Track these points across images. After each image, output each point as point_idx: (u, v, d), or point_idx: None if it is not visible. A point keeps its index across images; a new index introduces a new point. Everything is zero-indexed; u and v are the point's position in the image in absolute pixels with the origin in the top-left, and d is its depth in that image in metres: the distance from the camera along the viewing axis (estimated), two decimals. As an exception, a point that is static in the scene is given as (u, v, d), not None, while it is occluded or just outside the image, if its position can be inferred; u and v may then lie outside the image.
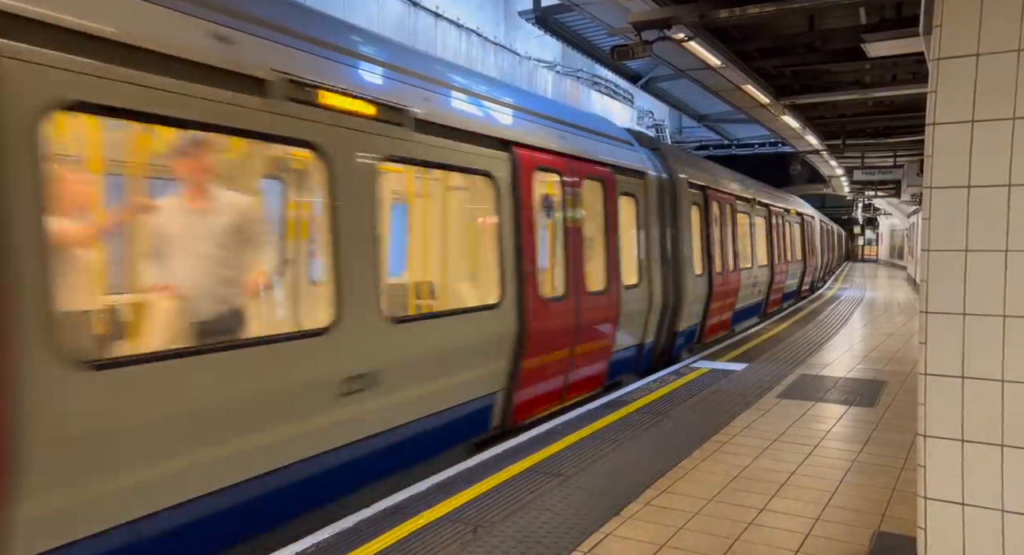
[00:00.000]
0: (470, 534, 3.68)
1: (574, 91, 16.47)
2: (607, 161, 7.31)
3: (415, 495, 4.22)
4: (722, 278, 10.82)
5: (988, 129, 2.61)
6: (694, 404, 6.55)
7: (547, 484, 4.41)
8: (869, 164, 19.14)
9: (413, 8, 11.00)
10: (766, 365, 8.59)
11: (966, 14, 2.62)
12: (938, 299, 2.71)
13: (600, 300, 7.03)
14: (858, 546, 3.58)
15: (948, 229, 2.69)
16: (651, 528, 3.78)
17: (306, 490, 3.90)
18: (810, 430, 5.70)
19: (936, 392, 2.72)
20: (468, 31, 12.51)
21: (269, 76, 3.59)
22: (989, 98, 2.60)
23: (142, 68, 3.02)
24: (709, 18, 6.89)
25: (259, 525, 3.69)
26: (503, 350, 5.55)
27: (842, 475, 4.63)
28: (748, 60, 9.48)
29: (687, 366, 8.50)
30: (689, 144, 27.38)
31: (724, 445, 5.27)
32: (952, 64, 2.67)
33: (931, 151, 2.73)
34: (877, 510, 4.03)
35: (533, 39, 16.11)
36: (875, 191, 25.31)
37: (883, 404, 6.59)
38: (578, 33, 12.06)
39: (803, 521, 3.88)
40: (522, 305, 5.63)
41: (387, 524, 3.79)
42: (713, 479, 4.53)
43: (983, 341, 2.63)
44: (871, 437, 5.52)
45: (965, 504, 2.66)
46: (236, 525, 3.55)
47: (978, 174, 2.63)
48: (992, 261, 2.61)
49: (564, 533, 3.69)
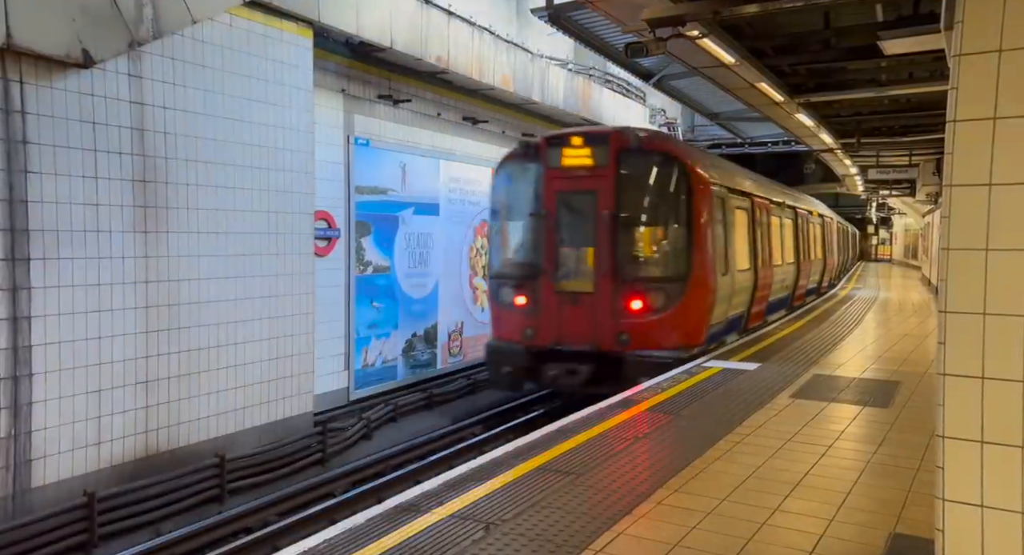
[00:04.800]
0: (481, 531, 3.67)
1: (586, 89, 16.41)
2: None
3: (426, 492, 4.22)
4: (764, 272, 12.20)
5: (1010, 126, 2.57)
6: (706, 403, 6.52)
7: (558, 482, 4.39)
8: (884, 163, 18.96)
9: (426, 6, 10.98)
10: (779, 365, 8.53)
11: (988, 9, 2.58)
12: (957, 298, 2.67)
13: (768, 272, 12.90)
14: (873, 548, 3.54)
15: (968, 228, 2.64)
16: (663, 527, 3.75)
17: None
18: (824, 430, 5.66)
19: (955, 393, 2.68)
20: (480, 29, 12.48)
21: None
22: (1012, 95, 2.56)
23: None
24: (723, 15, 6.84)
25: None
26: (750, 289, 11.47)
27: (857, 476, 4.58)
28: (762, 57, 9.41)
29: (699, 366, 8.45)
30: (702, 142, 27.23)
31: (737, 445, 5.24)
32: (974, 60, 2.63)
33: (951, 149, 2.68)
34: (892, 512, 3.99)
35: (545, 37, 16.08)
36: (890, 190, 25.07)
37: (898, 405, 6.53)
38: (591, 30, 12.01)
39: (817, 522, 3.84)
40: (756, 270, 11.66)
41: (398, 521, 3.79)
42: (726, 479, 4.50)
43: (1003, 341, 2.59)
44: (886, 438, 5.47)
45: (984, 506, 2.62)
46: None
47: (1000, 172, 2.59)
48: (1013, 260, 2.57)
49: (575, 531, 3.68)
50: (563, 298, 9.26)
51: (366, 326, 11.28)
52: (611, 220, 9.08)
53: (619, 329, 9.02)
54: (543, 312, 9.35)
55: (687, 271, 9.12)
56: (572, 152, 9.40)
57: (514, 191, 9.95)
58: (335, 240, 10.54)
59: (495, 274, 10.11)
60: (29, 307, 6.22)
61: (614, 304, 9.05)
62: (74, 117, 6.52)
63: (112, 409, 6.92)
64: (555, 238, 9.40)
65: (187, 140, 7.55)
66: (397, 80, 11.67)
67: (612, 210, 9.08)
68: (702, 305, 9.23)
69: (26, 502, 6.25)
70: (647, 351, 8.85)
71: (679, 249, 9.32)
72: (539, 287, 9.39)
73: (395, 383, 11.95)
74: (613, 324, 9.04)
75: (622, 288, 9.06)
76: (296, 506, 7.58)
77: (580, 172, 9.33)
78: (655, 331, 9.00)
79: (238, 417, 8.24)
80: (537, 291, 9.40)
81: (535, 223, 9.50)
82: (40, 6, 5.92)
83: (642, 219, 9.47)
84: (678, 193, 9.26)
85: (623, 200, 9.14)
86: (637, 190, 9.32)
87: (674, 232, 9.45)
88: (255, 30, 8.29)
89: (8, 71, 6.02)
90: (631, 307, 9.02)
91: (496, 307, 9.95)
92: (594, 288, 9.14)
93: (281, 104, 8.65)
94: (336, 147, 10.54)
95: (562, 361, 9.09)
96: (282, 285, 8.73)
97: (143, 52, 7.06)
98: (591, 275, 9.19)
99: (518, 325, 9.52)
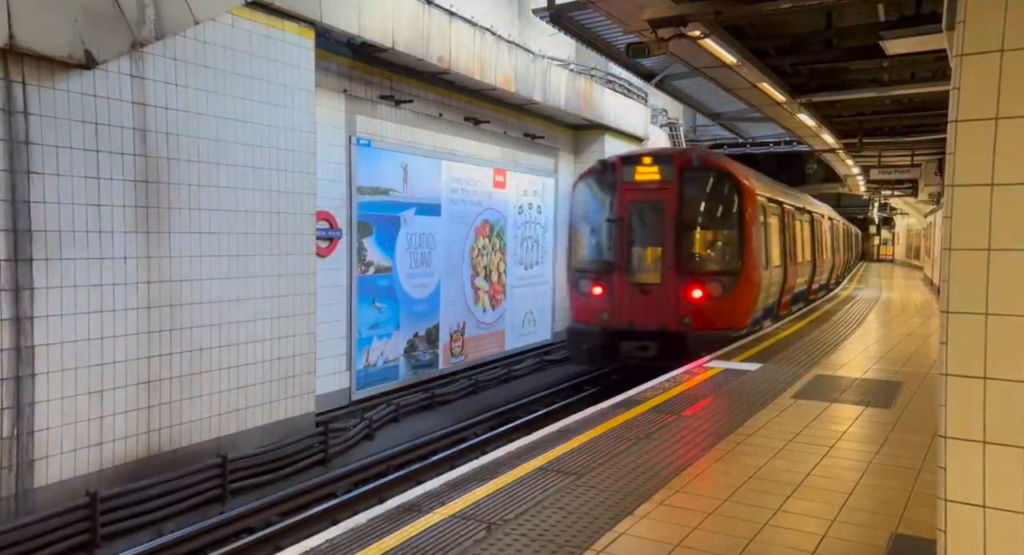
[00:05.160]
0: (483, 532, 3.67)
1: (588, 89, 16.40)
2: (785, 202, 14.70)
3: (428, 492, 4.22)
4: (792, 268, 14.10)
5: (1012, 126, 2.56)
6: (708, 404, 6.52)
7: (560, 483, 4.39)
8: (886, 163, 18.94)
9: (428, 7, 10.98)
10: (781, 365, 8.53)
11: (991, 9, 2.57)
12: (960, 299, 2.67)
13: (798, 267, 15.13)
14: (875, 548, 3.54)
15: (970, 228, 2.64)
16: (665, 528, 3.75)
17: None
18: (826, 431, 5.65)
19: (957, 393, 2.68)
20: (482, 30, 12.47)
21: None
22: (1014, 95, 2.55)
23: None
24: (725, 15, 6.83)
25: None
26: (781, 282, 13.24)
27: (859, 476, 4.58)
28: (764, 57, 9.40)
29: (701, 366, 8.45)
30: (704, 142, 27.21)
31: (739, 445, 5.23)
32: (976, 60, 2.63)
33: (953, 149, 2.68)
34: (895, 512, 3.99)
35: (547, 37, 16.07)
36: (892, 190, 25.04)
37: (900, 405, 6.52)
38: (592, 31, 12.01)
39: (819, 522, 3.84)
40: (786, 265, 13.45)
41: (400, 521, 3.79)
42: (728, 479, 4.50)
43: (1006, 341, 2.58)
44: (888, 438, 5.46)
45: (986, 507, 2.62)
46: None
47: (1002, 172, 2.59)
48: (1016, 260, 2.57)
49: (577, 532, 3.68)
50: (635, 288, 11.23)
51: (368, 326, 11.28)
52: (675, 224, 11.11)
53: (682, 313, 10.95)
54: (617, 299, 11.29)
55: (738, 266, 11.16)
56: (643, 169, 11.48)
57: (592, 200, 11.96)
58: (337, 240, 10.55)
59: (575, 268, 12.02)
60: (32, 307, 6.23)
61: (678, 293, 11.00)
62: (76, 118, 6.53)
63: (114, 409, 6.93)
64: (628, 239, 11.40)
65: (189, 141, 7.56)
66: (399, 80, 11.68)
67: (676, 216, 11.10)
68: (750, 294, 11.31)
69: (28, 502, 6.26)
70: (705, 331, 10.72)
71: (731, 248, 11.39)
72: (614, 279, 11.34)
73: (397, 383, 11.95)
74: (677, 309, 10.96)
75: (684, 280, 11.01)
76: (298, 506, 7.58)
77: (650, 185, 11.38)
78: (712, 315, 10.91)
79: (240, 417, 8.25)
80: (612, 282, 11.36)
81: (611, 227, 11.51)
82: (42, 7, 5.93)
83: (700, 223, 11.53)
84: (730, 202, 11.34)
85: (685, 208, 11.20)
86: (696, 200, 11.40)
87: (727, 234, 11.53)
88: (257, 31, 8.30)
89: (11, 72, 6.02)
90: (692, 295, 10.98)
91: (576, 295, 11.88)
92: (661, 280, 11.12)
93: (283, 105, 8.65)
94: (338, 148, 10.55)
95: (634, 339, 11.07)
96: (284, 285, 8.73)
97: (145, 53, 7.07)
98: (659, 269, 11.18)
99: (595, 310, 11.45)
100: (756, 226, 11.39)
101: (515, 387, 13.48)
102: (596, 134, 17.52)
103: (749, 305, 11.35)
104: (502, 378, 13.72)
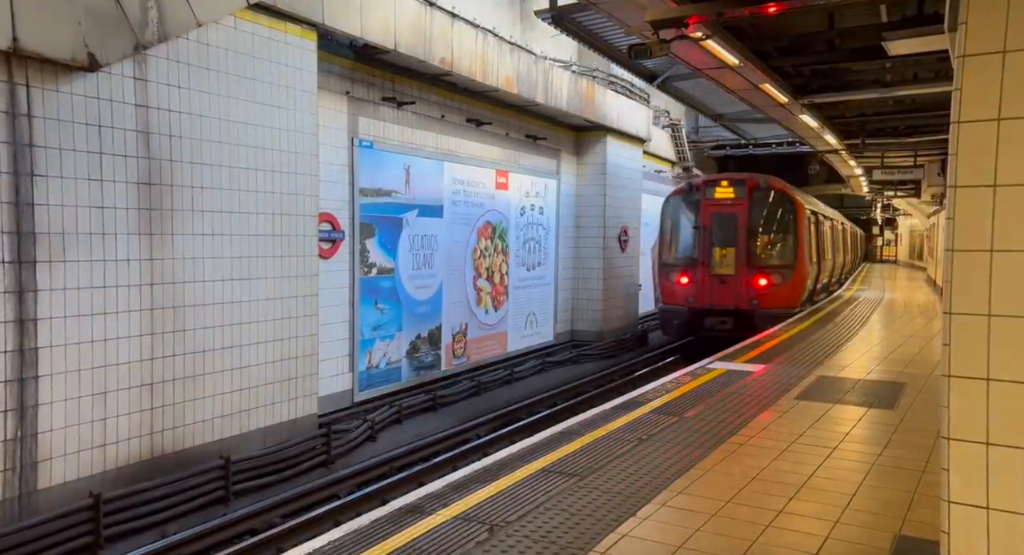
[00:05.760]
0: (485, 533, 3.67)
1: (590, 90, 16.40)
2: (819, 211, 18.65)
3: (431, 494, 4.22)
4: (823, 264, 18.01)
5: (1014, 127, 2.56)
6: (711, 405, 6.51)
7: (563, 484, 4.39)
8: (889, 164, 18.93)
9: (429, 8, 10.99)
10: (784, 366, 8.52)
11: (993, 10, 2.57)
12: (962, 300, 2.67)
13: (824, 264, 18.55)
14: (879, 550, 3.53)
15: (973, 229, 2.64)
16: (668, 529, 3.75)
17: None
18: (829, 432, 5.65)
19: (960, 394, 2.67)
20: (484, 31, 12.48)
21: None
22: (1016, 96, 2.55)
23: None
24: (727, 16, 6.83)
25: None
26: (816, 275, 16.63)
27: (862, 478, 4.57)
28: (766, 58, 9.39)
29: (703, 367, 8.44)
30: (706, 144, 27.20)
31: (742, 446, 5.23)
32: (978, 61, 2.62)
33: (955, 150, 2.68)
34: (898, 513, 3.98)
35: (549, 39, 16.07)
36: (895, 191, 25.02)
37: (903, 406, 6.51)
38: (594, 32, 12.00)
39: (822, 524, 3.84)
40: (819, 263, 17.22)
41: (403, 523, 3.79)
42: (731, 481, 4.49)
43: (1009, 343, 2.58)
44: (891, 439, 5.45)
45: (990, 508, 2.61)
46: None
47: (1004, 173, 2.58)
48: (1018, 261, 2.56)
49: (580, 533, 3.68)
50: (714, 279, 15.19)
51: (370, 328, 11.29)
52: (746, 231, 15.13)
53: (751, 297, 14.91)
54: (700, 287, 15.30)
55: (793, 262, 15.11)
56: (721, 189, 15.46)
57: (681, 212, 16.03)
58: (339, 242, 10.56)
59: (664, 263, 16.14)
60: (35, 310, 6.25)
61: (748, 281, 14.94)
62: (80, 120, 6.55)
63: (118, 411, 6.94)
64: (710, 242, 15.37)
65: (192, 143, 7.57)
66: (401, 82, 11.69)
67: (746, 224, 15.13)
68: (801, 283, 15.21)
69: (32, 504, 6.27)
70: (769, 309, 14.63)
71: (787, 248, 15.29)
72: (698, 271, 15.35)
73: (399, 385, 11.95)
74: (747, 293, 14.93)
75: (753, 272, 14.98)
76: (301, 508, 7.59)
77: (726, 201, 15.36)
78: (773, 298, 14.83)
79: (243, 419, 8.26)
80: (697, 274, 15.38)
81: (696, 232, 15.59)
82: (46, 10, 5.95)
83: (763, 230, 15.49)
84: (787, 214, 15.32)
85: (753, 218, 15.24)
86: (761, 212, 15.40)
87: (784, 238, 15.39)
88: (260, 33, 8.32)
89: (14, 75, 6.04)
90: (759, 284, 14.91)
91: (666, 284, 15.94)
92: (735, 272, 15.05)
93: (285, 107, 8.67)
94: (340, 149, 10.56)
95: (714, 316, 15.11)
96: (286, 287, 8.75)
97: (148, 55, 7.08)
98: (733, 264, 15.10)
99: (682, 295, 15.48)
100: (805, 232, 15.34)
101: (517, 388, 13.48)
102: (598, 135, 17.52)
103: (800, 290, 15.23)
104: (504, 379, 13.72)
